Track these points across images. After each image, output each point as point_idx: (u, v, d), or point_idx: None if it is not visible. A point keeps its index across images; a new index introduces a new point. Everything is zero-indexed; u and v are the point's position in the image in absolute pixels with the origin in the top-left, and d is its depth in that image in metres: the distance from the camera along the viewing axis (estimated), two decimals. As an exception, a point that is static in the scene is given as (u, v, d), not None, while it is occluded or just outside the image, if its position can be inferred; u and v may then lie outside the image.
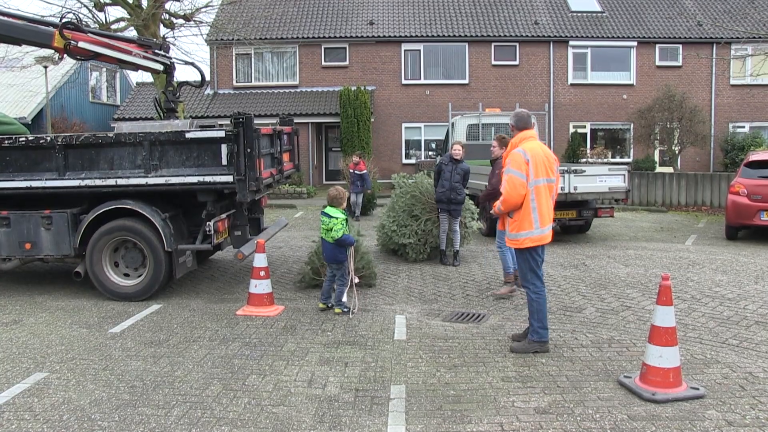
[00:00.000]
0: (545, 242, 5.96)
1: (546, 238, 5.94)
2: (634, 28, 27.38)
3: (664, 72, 26.93)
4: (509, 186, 5.88)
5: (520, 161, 5.85)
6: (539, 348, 5.96)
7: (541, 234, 5.89)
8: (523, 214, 5.87)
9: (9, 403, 4.97)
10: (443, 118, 23.04)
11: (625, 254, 11.30)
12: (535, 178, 5.84)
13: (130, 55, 9.23)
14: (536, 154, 5.89)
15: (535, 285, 6.02)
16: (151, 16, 19.73)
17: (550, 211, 6.00)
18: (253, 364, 5.73)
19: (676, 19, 27.75)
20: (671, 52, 27.13)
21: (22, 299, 8.35)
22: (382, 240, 10.93)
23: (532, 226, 5.86)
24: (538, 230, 5.87)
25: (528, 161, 5.83)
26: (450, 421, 4.54)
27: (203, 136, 7.82)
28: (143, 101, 26.91)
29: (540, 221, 5.86)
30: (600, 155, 25.66)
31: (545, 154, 6.00)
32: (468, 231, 10.74)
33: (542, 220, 5.87)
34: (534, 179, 5.84)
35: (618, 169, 12.70)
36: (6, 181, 8.10)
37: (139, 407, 4.85)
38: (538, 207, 5.86)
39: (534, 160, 5.85)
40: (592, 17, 27.99)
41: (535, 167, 5.84)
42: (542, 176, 5.88)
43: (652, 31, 27.20)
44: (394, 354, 5.98)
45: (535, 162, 5.84)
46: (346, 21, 27.83)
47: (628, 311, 7.44)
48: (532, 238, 5.88)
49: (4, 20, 9.06)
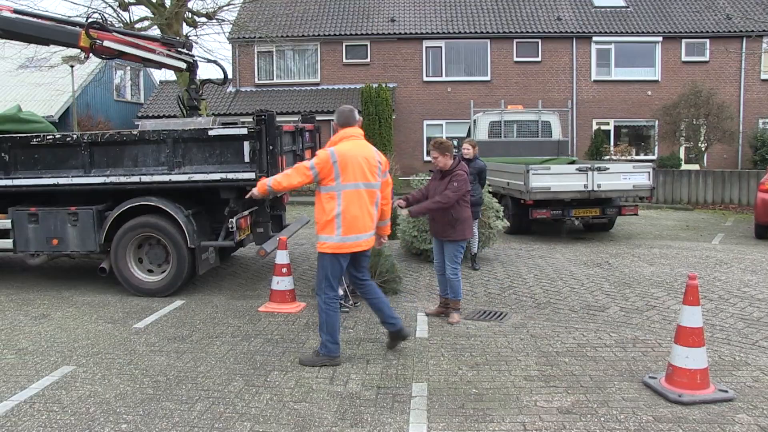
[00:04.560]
0: (347, 251, 5.51)
1: (348, 246, 5.48)
2: (659, 22, 27.03)
3: (691, 67, 26.56)
4: (297, 169, 5.53)
5: (323, 160, 5.41)
6: (328, 362, 5.58)
7: (341, 242, 5.45)
8: (328, 218, 5.44)
9: (39, 395, 5.06)
10: (465, 115, 22.94)
11: (650, 253, 11.17)
12: (344, 182, 5.38)
13: (153, 53, 9.31)
14: (350, 155, 5.43)
15: (327, 295, 5.58)
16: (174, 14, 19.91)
17: (367, 218, 5.55)
18: (275, 361, 5.75)
19: (703, 13, 27.33)
20: (698, 47, 26.73)
21: (50, 294, 8.47)
22: (404, 245, 10.74)
23: (334, 231, 5.43)
24: (339, 238, 5.43)
25: (333, 163, 5.38)
26: (472, 420, 4.52)
27: (226, 134, 7.86)
28: (166, 99, 27.13)
29: (343, 229, 5.42)
30: (623, 153, 25.38)
31: (365, 155, 5.54)
32: (493, 231, 10.32)
33: (346, 227, 5.42)
34: (342, 184, 5.38)
35: (642, 166, 12.56)
36: (34, 178, 8.22)
37: (163, 402, 4.89)
38: (343, 213, 5.40)
39: (343, 162, 5.38)
40: (616, 12, 27.69)
41: (344, 170, 5.38)
42: (354, 180, 5.42)
43: (678, 25, 26.83)
44: (416, 352, 5.97)
45: (344, 165, 5.38)
46: (367, 18, 27.82)
47: (652, 311, 7.35)
48: (330, 244, 5.46)
49: (34, 21, 9.21)
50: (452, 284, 7.00)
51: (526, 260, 10.41)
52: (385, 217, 5.96)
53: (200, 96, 9.65)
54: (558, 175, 12.10)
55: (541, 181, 11.89)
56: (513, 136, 16.18)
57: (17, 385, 5.27)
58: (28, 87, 26.60)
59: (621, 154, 25.09)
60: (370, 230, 5.64)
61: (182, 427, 4.44)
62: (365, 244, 5.63)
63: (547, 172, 12.09)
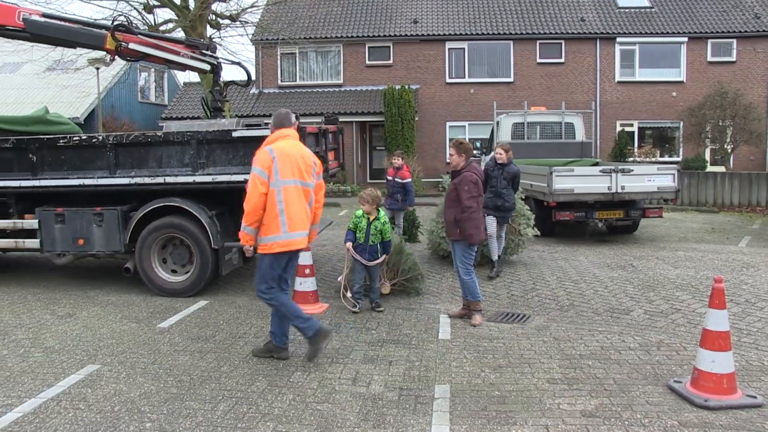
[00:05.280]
0: (294, 248, 5.59)
1: (295, 243, 5.56)
2: (684, 23, 26.72)
3: (717, 68, 26.21)
4: (251, 184, 5.48)
5: (264, 158, 5.48)
6: (276, 354, 5.79)
7: (288, 239, 5.50)
8: (271, 217, 5.46)
9: (65, 393, 5.13)
10: (488, 116, 22.86)
11: (675, 255, 11.05)
12: (282, 178, 5.46)
13: (178, 55, 9.40)
14: (287, 153, 5.52)
15: (266, 294, 5.65)
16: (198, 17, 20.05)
17: (304, 215, 5.64)
18: (298, 361, 5.77)
19: (731, 12, 26.95)
20: (725, 47, 26.37)
21: (76, 293, 8.58)
22: (432, 246, 10.57)
23: (280, 229, 5.46)
24: (286, 234, 5.48)
25: (273, 159, 5.47)
26: (495, 422, 4.50)
27: (250, 135, 7.90)
28: (190, 101, 27.37)
29: (288, 225, 5.47)
30: (648, 154, 25.11)
31: (301, 155, 5.64)
32: (522, 239, 10.04)
33: (291, 223, 5.48)
34: (281, 179, 5.45)
35: (667, 168, 12.42)
36: (61, 179, 8.34)
37: (187, 401, 4.93)
38: (286, 209, 5.46)
39: (281, 159, 5.48)
40: (641, 13, 27.42)
41: (282, 167, 5.46)
42: (292, 177, 5.50)
43: (704, 25, 26.50)
44: (439, 353, 5.96)
45: (282, 161, 5.47)
46: (390, 20, 27.84)
47: (677, 314, 7.27)
48: (279, 242, 5.49)
49: (62, 24, 9.35)
50: (467, 286, 7.02)
51: (548, 262, 10.34)
52: (315, 220, 5.97)
53: (224, 98, 9.71)
54: (581, 177, 12.01)
55: (565, 182, 11.81)
56: (536, 138, 16.09)
57: (44, 382, 5.35)
58: (55, 89, 27.00)
59: (645, 156, 24.84)
60: (307, 229, 5.73)
61: (206, 427, 4.47)
62: (303, 243, 5.70)
63: (571, 173, 12.01)
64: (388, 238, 7.50)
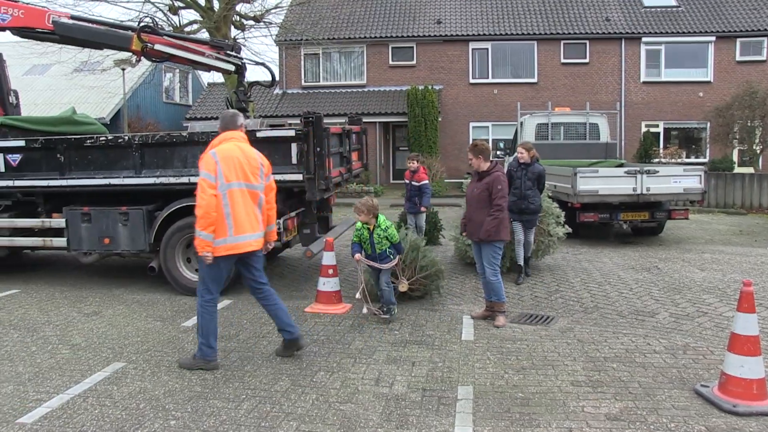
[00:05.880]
0: (241, 250, 5.51)
1: (241, 246, 5.49)
2: (712, 21, 26.36)
3: (746, 67, 25.81)
4: (199, 189, 5.42)
5: (209, 163, 5.44)
6: (204, 365, 5.58)
7: (235, 242, 5.45)
8: (218, 220, 5.40)
9: (91, 389, 5.19)
10: (511, 117, 22.76)
11: (701, 258, 10.90)
12: (227, 181, 5.41)
13: (202, 56, 9.48)
14: (230, 156, 5.48)
15: (204, 298, 5.59)
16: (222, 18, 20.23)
17: (253, 218, 5.58)
18: (321, 361, 5.78)
19: (761, 11, 26.51)
20: (754, 46, 25.96)
21: (102, 292, 8.68)
22: (459, 254, 10.37)
23: (226, 233, 5.41)
24: (232, 238, 5.43)
25: (217, 162, 5.42)
26: (518, 424, 4.47)
27: (274, 135, 7.94)
28: (214, 101, 27.58)
29: (235, 228, 5.43)
30: (673, 155, 24.80)
31: (247, 156, 5.59)
32: (553, 239, 9.63)
33: (237, 226, 5.44)
34: (226, 182, 5.41)
35: (694, 169, 12.25)
36: (87, 178, 8.45)
37: (211, 399, 4.96)
38: (232, 213, 5.42)
39: (226, 162, 5.44)
40: (667, 12, 27.11)
41: (227, 169, 5.42)
42: (237, 179, 5.46)
43: (732, 24, 26.12)
44: (462, 354, 5.94)
45: (226, 164, 5.43)
46: (413, 20, 27.83)
47: (704, 317, 7.17)
48: (225, 246, 5.43)
49: (89, 26, 9.47)
50: (493, 286, 6.96)
51: (573, 264, 10.26)
52: (270, 222, 5.93)
53: (248, 98, 9.77)
54: (606, 178, 11.91)
55: (589, 184, 11.72)
56: (560, 139, 15.98)
57: (71, 379, 5.42)
58: (82, 90, 27.38)
59: (671, 157, 24.54)
60: (258, 231, 5.65)
61: (229, 425, 4.50)
62: (255, 245, 5.63)
63: (595, 174, 11.91)
64: (397, 241, 7.15)
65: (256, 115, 21.42)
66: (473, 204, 7.01)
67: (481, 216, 6.83)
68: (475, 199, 6.97)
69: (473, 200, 7.00)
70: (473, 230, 7.01)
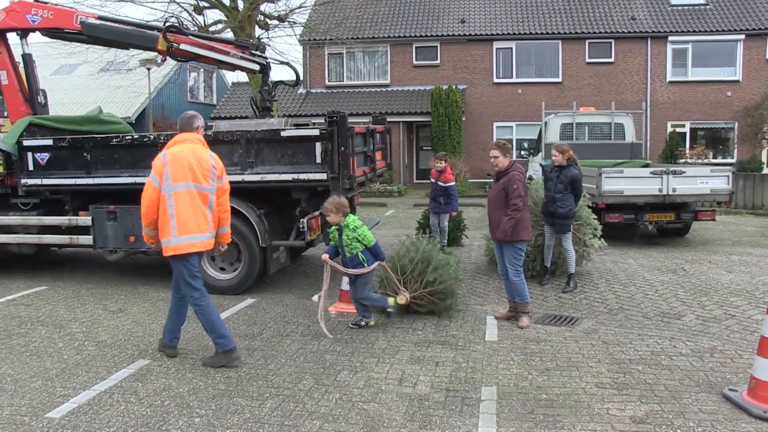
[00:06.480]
0: (182, 251, 5.53)
1: (183, 247, 5.51)
2: (741, 19, 25.91)
3: (776, 66, 25.37)
4: (144, 190, 5.59)
5: (157, 164, 5.54)
6: (227, 361, 5.64)
7: (177, 243, 5.48)
8: (163, 221, 5.51)
9: (117, 386, 5.26)
10: (536, 117, 22.60)
11: (728, 260, 10.75)
12: (173, 182, 5.46)
13: (227, 55, 9.52)
14: (179, 157, 5.51)
15: (193, 297, 5.66)
16: (246, 17, 20.33)
17: (201, 220, 5.57)
18: (345, 361, 5.79)
19: (793, 8, 26.05)
20: (785, 44, 25.49)
21: (126, 289, 8.77)
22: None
23: (170, 233, 5.48)
24: (175, 239, 5.48)
25: (166, 164, 5.49)
26: (542, 426, 4.44)
27: (298, 135, 7.97)
28: (238, 100, 27.73)
29: (177, 229, 5.46)
30: (700, 156, 24.46)
31: (197, 158, 5.58)
32: (588, 250, 9.24)
33: (180, 228, 5.47)
34: (171, 184, 5.46)
35: (721, 170, 12.08)
36: (113, 177, 8.54)
37: (234, 397, 4.99)
38: (176, 214, 5.46)
39: (174, 163, 5.48)
40: (694, 10, 26.72)
41: (174, 172, 5.47)
42: (184, 181, 5.48)
43: (763, 21, 25.59)
44: (485, 355, 5.91)
45: (174, 165, 5.48)
46: (437, 20, 27.75)
47: (732, 320, 7.06)
48: (170, 246, 5.50)
49: (116, 26, 9.58)
50: (516, 287, 6.92)
51: (597, 265, 10.15)
52: (222, 224, 5.90)
53: (272, 97, 9.81)
54: (631, 179, 11.78)
55: (614, 184, 11.60)
56: (585, 139, 15.84)
57: (98, 375, 5.49)
58: (108, 89, 27.70)
59: (697, 157, 24.21)
60: (206, 232, 5.64)
61: (253, 423, 4.52)
62: (201, 246, 5.62)
63: (620, 175, 11.79)
64: (371, 244, 6.64)
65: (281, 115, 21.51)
66: (491, 204, 7.07)
67: (498, 216, 6.86)
68: (492, 199, 7.03)
69: (491, 201, 7.07)
70: (492, 231, 7.06)
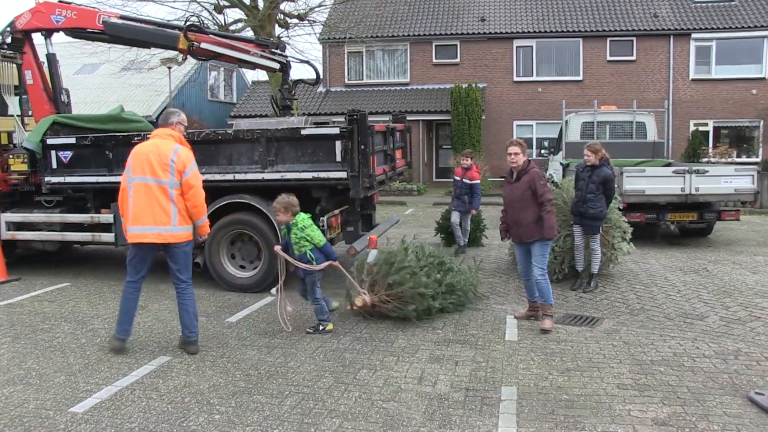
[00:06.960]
0: (134, 240, 5.90)
1: (134, 236, 5.88)
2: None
3: (804, 63, 24.94)
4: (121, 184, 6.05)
5: (128, 158, 6.01)
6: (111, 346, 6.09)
7: (131, 232, 5.90)
8: (125, 211, 5.98)
9: (138, 382, 5.30)
10: (556, 116, 22.44)
11: (753, 260, 10.60)
12: (133, 175, 5.88)
13: (248, 54, 9.56)
14: (139, 152, 5.91)
15: (127, 280, 6.10)
16: (266, 16, 20.41)
17: (157, 211, 5.81)
18: (364, 359, 5.79)
19: (821, 3, 25.61)
20: (813, 41, 25.06)
21: (147, 287, 8.74)
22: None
23: (127, 222, 5.94)
24: (129, 228, 5.91)
25: (129, 158, 5.97)
26: (562, 427, 4.41)
27: (318, 133, 7.99)
28: (258, 99, 27.85)
29: (132, 219, 5.87)
30: (723, 155, 24.15)
31: (158, 152, 5.84)
32: (615, 253, 9.00)
33: (134, 218, 5.86)
34: (131, 177, 5.89)
35: (746, 169, 11.92)
36: (135, 175, 8.59)
37: (254, 395, 5.01)
38: (132, 204, 5.86)
39: (134, 157, 5.91)
40: (719, 7, 26.36)
41: (134, 165, 5.89)
42: (141, 174, 5.82)
43: (791, 18, 25.22)
44: (505, 355, 5.88)
45: (134, 159, 5.90)
46: (457, 18, 27.67)
47: (757, 322, 6.96)
48: (129, 234, 5.93)
49: (138, 26, 9.66)
50: (540, 288, 6.79)
51: (618, 265, 10.05)
52: (196, 217, 6.07)
53: (292, 96, 9.83)
54: (653, 178, 11.65)
55: (636, 183, 11.49)
56: (606, 138, 15.68)
57: (119, 371, 5.54)
58: (129, 88, 27.93)
59: (721, 157, 23.91)
60: (164, 225, 5.84)
61: (273, 421, 4.54)
62: (153, 237, 5.86)
63: (642, 174, 11.67)
64: (321, 244, 6.57)
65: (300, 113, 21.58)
66: (516, 205, 6.79)
67: (528, 216, 6.65)
68: (517, 199, 6.76)
69: (515, 201, 6.79)
70: (522, 233, 6.76)
